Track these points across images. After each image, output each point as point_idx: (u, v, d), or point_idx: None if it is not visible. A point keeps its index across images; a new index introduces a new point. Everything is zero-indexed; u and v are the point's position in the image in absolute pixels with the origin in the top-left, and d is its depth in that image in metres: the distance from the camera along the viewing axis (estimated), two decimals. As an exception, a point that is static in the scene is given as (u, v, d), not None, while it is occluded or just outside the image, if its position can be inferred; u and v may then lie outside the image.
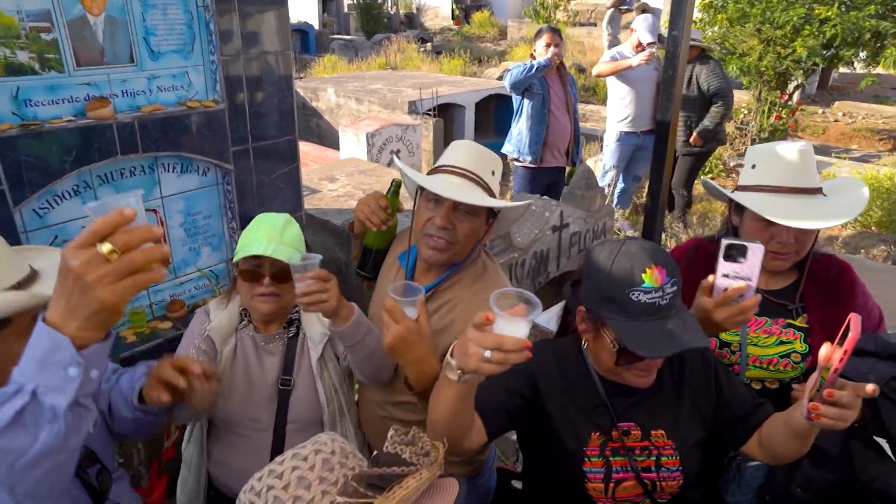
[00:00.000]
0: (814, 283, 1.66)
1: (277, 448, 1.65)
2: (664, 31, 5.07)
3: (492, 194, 1.58)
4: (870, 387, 1.11)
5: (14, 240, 2.02)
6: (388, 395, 1.72)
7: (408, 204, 1.73)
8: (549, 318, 1.98)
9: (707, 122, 5.05)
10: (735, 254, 1.33)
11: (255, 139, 2.65)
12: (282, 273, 1.57)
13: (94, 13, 2.07)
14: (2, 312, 1.03)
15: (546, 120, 4.48)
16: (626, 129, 5.16)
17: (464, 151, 1.59)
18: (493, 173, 1.60)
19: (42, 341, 0.84)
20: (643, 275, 1.18)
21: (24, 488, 0.90)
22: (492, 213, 1.61)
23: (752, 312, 1.38)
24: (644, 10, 7.63)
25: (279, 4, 2.58)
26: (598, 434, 1.35)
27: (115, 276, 0.80)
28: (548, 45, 4.40)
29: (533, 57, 4.49)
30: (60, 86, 2.06)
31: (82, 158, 2.10)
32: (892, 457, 1.53)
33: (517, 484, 2.15)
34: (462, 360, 1.01)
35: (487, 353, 0.96)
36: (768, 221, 1.53)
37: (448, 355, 1.07)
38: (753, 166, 1.62)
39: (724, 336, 1.69)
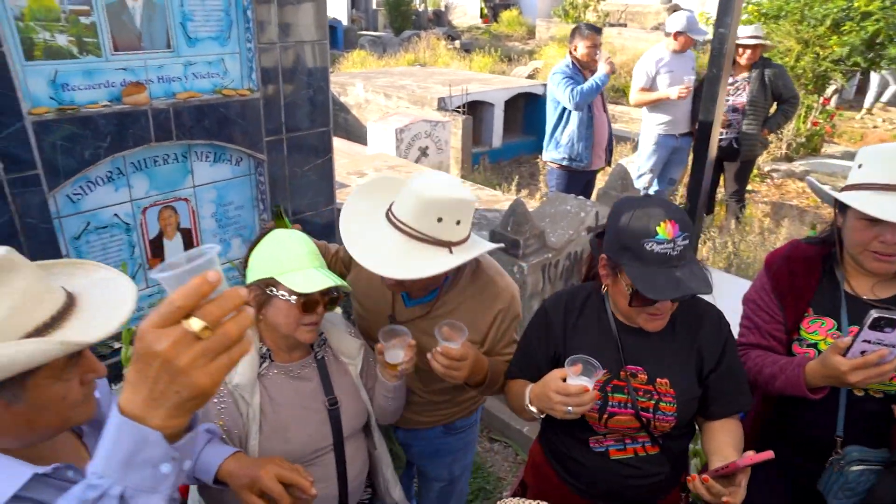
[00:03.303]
0: None
1: (341, 463, 1.60)
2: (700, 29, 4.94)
3: (445, 245, 1.46)
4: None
5: (47, 224, 2.00)
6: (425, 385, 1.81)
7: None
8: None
9: (780, 117, 4.86)
10: (884, 325, 1.29)
11: (288, 130, 2.61)
12: (331, 301, 1.52)
13: (132, -3, 2.04)
14: (24, 365, 0.81)
15: (593, 122, 4.40)
16: (664, 132, 5.03)
17: (414, 201, 1.44)
18: (458, 223, 1.46)
19: (124, 438, 0.70)
20: (658, 227, 1.33)
21: None
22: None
23: (889, 375, 1.37)
24: (676, 9, 7.44)
25: (317, -7, 2.54)
26: (605, 371, 1.47)
27: (210, 356, 0.68)
28: (592, 47, 4.30)
29: (573, 55, 4.38)
30: (98, 70, 2.03)
31: (117, 145, 2.08)
32: None
33: None
34: (547, 410, 1.37)
35: (570, 409, 1.30)
36: (872, 220, 1.49)
37: (528, 403, 1.44)
38: (860, 166, 1.56)
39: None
